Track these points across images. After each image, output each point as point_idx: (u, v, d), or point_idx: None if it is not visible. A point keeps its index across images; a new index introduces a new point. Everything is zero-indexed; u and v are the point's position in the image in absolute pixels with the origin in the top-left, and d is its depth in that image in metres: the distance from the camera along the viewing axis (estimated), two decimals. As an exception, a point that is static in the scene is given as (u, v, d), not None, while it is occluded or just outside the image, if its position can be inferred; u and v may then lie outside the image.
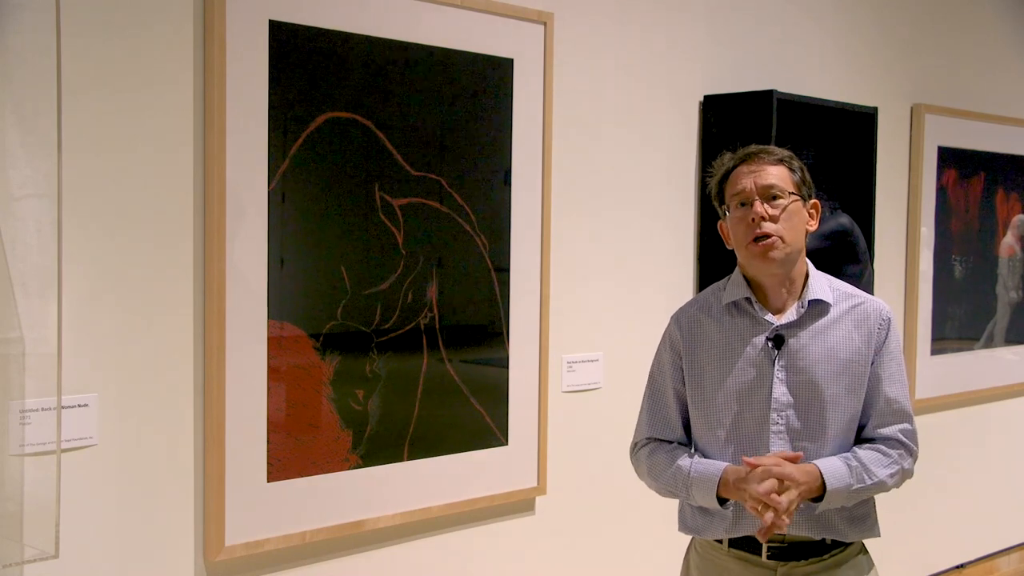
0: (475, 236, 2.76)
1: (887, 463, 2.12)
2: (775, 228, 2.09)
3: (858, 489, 2.08)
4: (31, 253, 1.91)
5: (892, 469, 2.12)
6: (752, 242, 2.10)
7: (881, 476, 2.10)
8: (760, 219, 2.09)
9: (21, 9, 1.89)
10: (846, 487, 2.06)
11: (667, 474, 2.18)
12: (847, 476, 2.07)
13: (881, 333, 2.16)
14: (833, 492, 2.05)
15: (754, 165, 2.13)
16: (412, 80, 2.62)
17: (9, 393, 1.92)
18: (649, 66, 3.24)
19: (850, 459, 2.10)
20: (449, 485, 2.73)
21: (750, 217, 2.10)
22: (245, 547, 2.34)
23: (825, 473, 2.05)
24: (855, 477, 2.08)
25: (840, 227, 3.37)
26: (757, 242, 2.10)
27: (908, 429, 2.16)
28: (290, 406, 2.41)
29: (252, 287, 2.33)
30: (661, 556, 2.89)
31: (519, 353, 2.87)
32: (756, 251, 2.10)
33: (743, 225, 2.12)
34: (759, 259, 2.11)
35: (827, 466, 2.07)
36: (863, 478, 2.08)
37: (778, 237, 2.09)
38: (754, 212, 2.09)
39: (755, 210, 2.09)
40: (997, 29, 4.75)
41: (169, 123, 2.23)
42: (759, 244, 2.10)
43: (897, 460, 2.14)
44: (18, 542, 1.90)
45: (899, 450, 2.14)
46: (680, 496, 2.20)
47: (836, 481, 2.05)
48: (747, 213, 2.11)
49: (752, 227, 2.10)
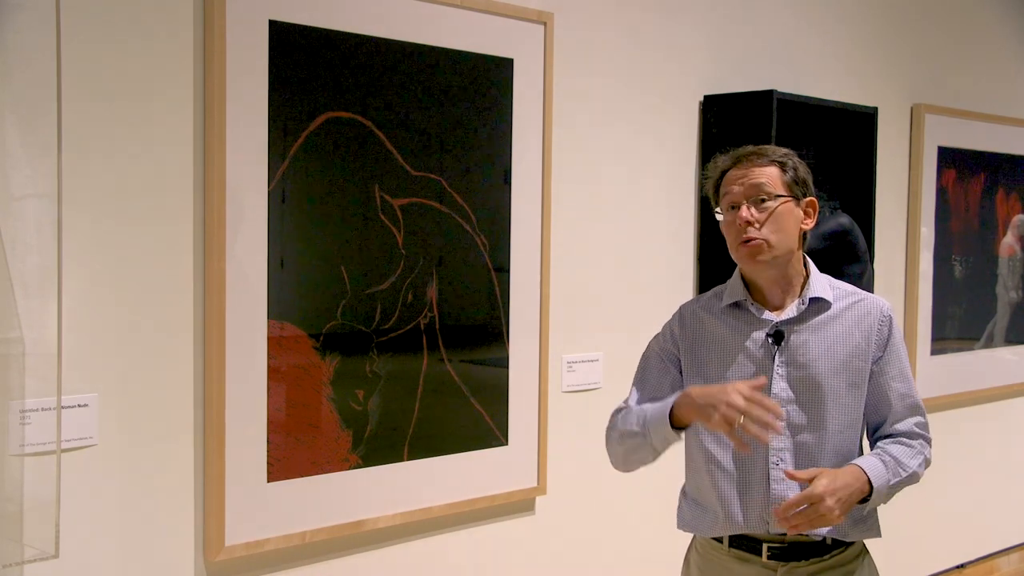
0: (475, 236, 2.76)
1: (913, 454, 2.16)
2: (759, 232, 2.11)
3: (895, 484, 2.11)
4: (31, 253, 1.91)
5: (919, 459, 2.16)
6: (740, 244, 2.13)
7: (912, 467, 2.14)
8: (746, 224, 2.11)
9: (21, 9, 1.89)
10: (886, 483, 2.09)
11: (629, 418, 2.15)
12: (885, 472, 2.09)
13: (883, 330, 2.17)
14: (878, 490, 2.07)
15: (743, 168, 2.15)
16: (412, 80, 2.62)
17: (9, 393, 1.92)
18: (649, 66, 3.24)
19: (883, 455, 2.13)
20: (449, 485, 2.73)
21: (737, 222, 2.12)
22: (245, 547, 2.34)
23: (868, 471, 2.06)
24: (891, 472, 2.10)
25: (840, 227, 3.37)
26: (744, 244, 2.12)
27: (922, 421, 2.21)
28: (290, 406, 2.41)
29: (252, 287, 2.33)
30: (661, 556, 2.89)
31: (519, 353, 2.87)
32: (744, 253, 2.13)
33: (732, 229, 2.15)
34: (746, 261, 2.14)
35: (868, 465, 2.08)
36: (898, 472, 2.11)
37: (764, 241, 2.11)
38: (739, 217, 2.12)
39: (740, 215, 2.12)
40: (997, 29, 4.75)
41: (169, 123, 2.23)
42: (745, 247, 2.12)
43: (920, 450, 2.17)
44: (18, 542, 1.90)
45: (919, 440, 2.19)
46: (637, 441, 2.12)
47: (879, 479, 2.07)
48: (735, 217, 2.13)
49: (739, 231, 2.12)
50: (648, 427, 2.10)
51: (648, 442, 2.11)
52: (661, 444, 2.10)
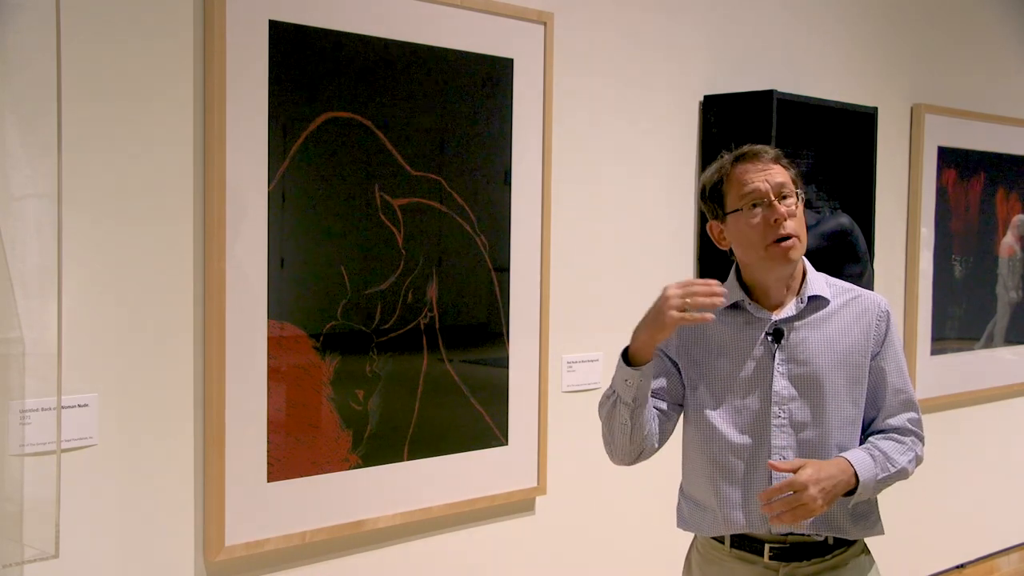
0: (475, 236, 2.76)
1: (903, 450, 2.15)
2: (795, 228, 2.09)
3: (883, 478, 2.10)
4: (31, 253, 1.91)
5: (909, 455, 2.16)
6: (774, 243, 2.08)
7: (902, 463, 2.13)
8: (783, 220, 2.07)
9: (21, 9, 1.89)
10: (873, 477, 2.08)
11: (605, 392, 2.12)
12: (873, 466, 2.08)
13: (881, 326, 2.17)
14: (865, 483, 2.06)
15: (760, 164, 2.11)
16: (412, 80, 2.62)
17: (9, 393, 1.92)
18: (649, 66, 3.24)
19: (872, 449, 2.12)
20: (449, 485, 2.73)
21: (772, 218, 2.07)
22: (245, 547, 2.34)
23: (855, 464, 2.06)
24: (880, 467, 2.10)
25: (840, 227, 3.37)
26: (779, 243, 2.08)
27: (915, 418, 2.20)
28: (290, 406, 2.41)
29: (252, 287, 2.33)
30: (661, 556, 2.89)
31: (519, 353, 2.87)
32: (778, 252, 2.08)
33: (762, 226, 2.09)
34: (780, 260, 2.09)
35: (855, 458, 2.07)
36: (887, 467, 2.11)
37: (796, 237, 2.09)
38: (777, 213, 2.07)
39: (778, 211, 2.07)
40: (997, 29, 4.75)
41: (169, 123, 2.23)
42: (781, 245, 2.08)
43: (911, 447, 2.17)
44: (18, 542, 1.90)
45: (911, 436, 2.18)
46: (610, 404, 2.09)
47: (865, 472, 2.06)
48: (767, 213, 2.08)
49: (773, 228, 2.07)
50: (614, 381, 2.07)
51: (617, 398, 2.07)
52: (625, 391, 2.04)
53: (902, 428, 2.18)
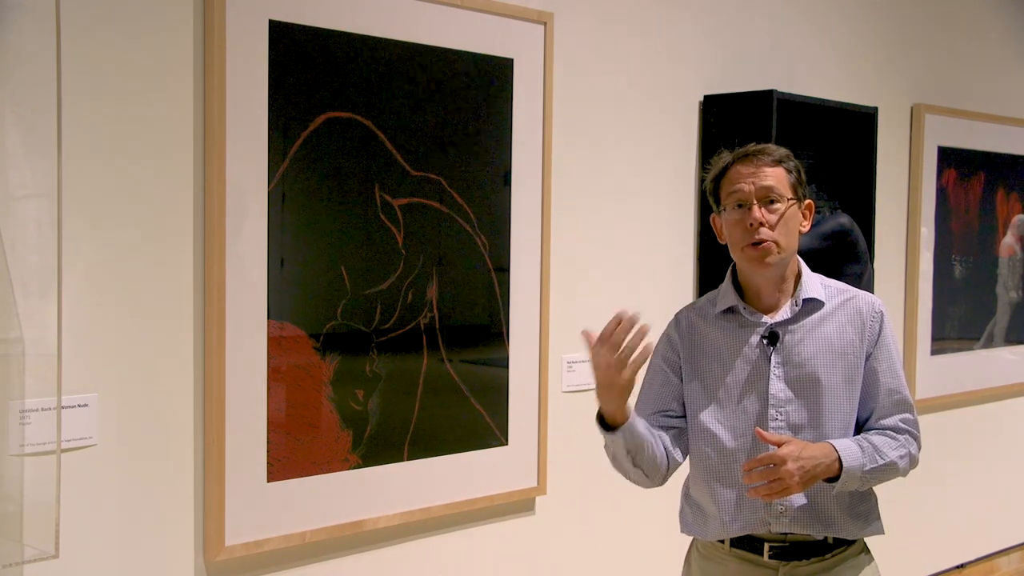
0: (475, 236, 2.76)
1: (895, 446, 2.14)
2: (771, 234, 2.09)
3: (871, 470, 2.08)
4: (31, 253, 1.91)
5: (901, 452, 2.14)
6: (749, 246, 2.10)
7: (892, 457, 2.11)
8: (758, 225, 2.09)
9: (21, 9, 1.89)
10: (860, 466, 2.06)
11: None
12: (860, 456, 2.07)
13: (875, 326, 2.17)
14: (849, 470, 2.04)
15: (752, 166, 2.12)
16: (412, 80, 2.62)
17: (9, 393, 1.92)
18: (649, 66, 3.24)
19: (861, 440, 2.11)
20: (449, 485, 2.73)
21: (747, 222, 2.09)
22: (245, 547, 2.34)
23: (840, 451, 2.05)
24: (868, 458, 2.08)
25: (840, 227, 3.37)
26: (754, 247, 2.10)
27: (910, 418, 2.19)
28: (290, 406, 2.41)
29: (252, 287, 2.33)
30: (661, 556, 2.89)
31: (519, 353, 2.87)
32: (753, 255, 2.10)
33: (739, 228, 2.11)
34: (755, 263, 2.12)
35: (841, 445, 2.06)
36: (875, 459, 2.09)
37: (774, 243, 2.09)
38: (752, 217, 2.09)
39: (753, 215, 2.09)
40: (997, 29, 4.75)
41: (169, 123, 2.23)
42: (756, 249, 2.10)
43: (904, 444, 2.16)
44: (18, 542, 1.90)
45: (905, 435, 2.17)
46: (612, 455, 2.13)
47: (851, 459, 2.05)
48: (744, 216, 2.10)
49: (749, 232, 2.10)
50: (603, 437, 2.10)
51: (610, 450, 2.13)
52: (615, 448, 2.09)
53: (895, 427, 2.17)
